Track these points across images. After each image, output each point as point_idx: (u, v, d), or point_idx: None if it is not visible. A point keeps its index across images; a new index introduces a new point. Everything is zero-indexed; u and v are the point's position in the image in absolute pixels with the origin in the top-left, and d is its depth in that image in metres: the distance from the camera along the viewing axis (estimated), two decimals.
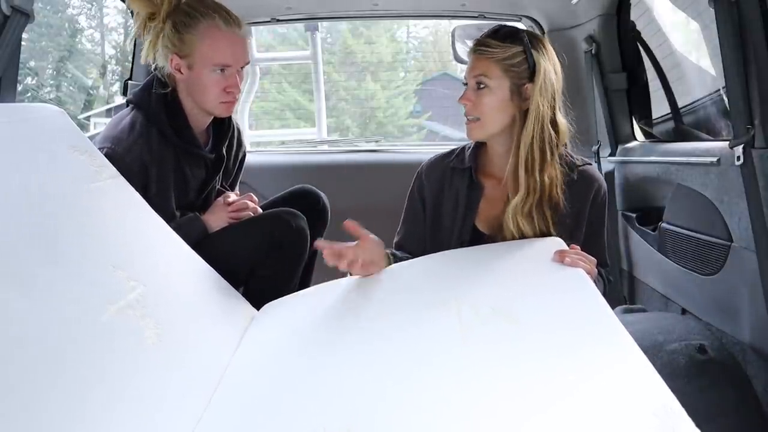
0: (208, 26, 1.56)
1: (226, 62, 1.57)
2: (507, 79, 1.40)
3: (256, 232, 1.66)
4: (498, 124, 1.43)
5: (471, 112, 1.43)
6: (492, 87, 1.40)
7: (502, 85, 1.40)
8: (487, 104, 1.41)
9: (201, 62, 1.57)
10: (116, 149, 1.52)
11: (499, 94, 1.40)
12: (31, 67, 9.09)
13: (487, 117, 1.42)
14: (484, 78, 1.40)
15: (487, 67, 1.40)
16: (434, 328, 1.10)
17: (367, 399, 0.97)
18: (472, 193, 1.48)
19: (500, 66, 1.40)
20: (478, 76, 1.41)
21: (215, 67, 1.57)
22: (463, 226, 1.48)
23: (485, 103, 1.41)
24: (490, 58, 1.40)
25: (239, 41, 1.60)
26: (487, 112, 1.41)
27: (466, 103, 1.43)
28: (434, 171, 1.53)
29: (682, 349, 1.48)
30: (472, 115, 1.43)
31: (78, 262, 1.10)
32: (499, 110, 1.41)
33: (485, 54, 1.40)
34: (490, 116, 1.42)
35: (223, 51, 1.57)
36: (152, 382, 1.03)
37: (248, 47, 1.65)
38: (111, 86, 10.57)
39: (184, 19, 1.56)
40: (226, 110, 1.65)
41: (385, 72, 12.47)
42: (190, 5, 1.58)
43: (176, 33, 1.57)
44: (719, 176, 1.49)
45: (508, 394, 0.91)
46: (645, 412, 0.81)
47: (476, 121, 1.43)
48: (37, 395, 0.84)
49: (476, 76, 1.41)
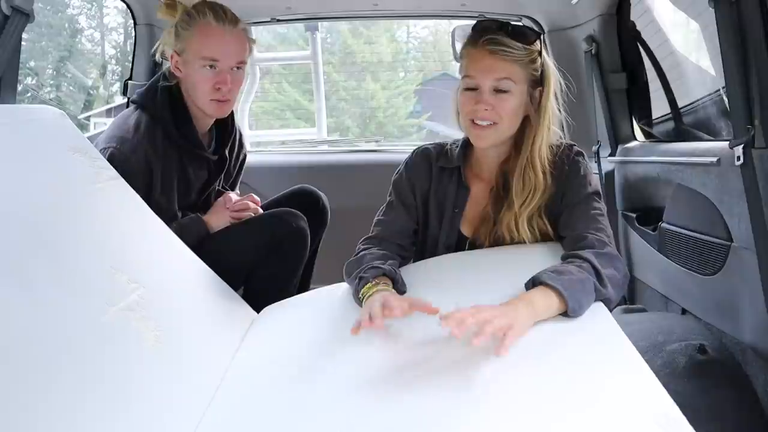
0: (200, 22, 1.59)
1: (213, 56, 1.58)
2: (526, 83, 1.31)
3: (257, 232, 1.67)
4: (513, 129, 1.35)
5: (488, 117, 1.30)
6: (515, 91, 1.29)
7: (522, 89, 1.31)
8: (508, 109, 1.30)
9: (192, 57, 1.59)
10: (121, 149, 1.53)
11: (520, 99, 1.31)
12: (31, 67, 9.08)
13: (505, 122, 1.31)
14: (508, 81, 1.28)
15: (511, 69, 1.29)
16: (434, 334, 1.10)
17: (366, 403, 0.97)
18: (460, 194, 1.42)
19: (523, 68, 1.30)
20: (502, 80, 1.28)
21: (204, 62, 1.59)
22: (450, 228, 1.43)
23: (507, 107, 1.30)
24: (514, 59, 1.29)
25: (229, 38, 1.60)
26: (507, 117, 1.31)
27: (486, 108, 1.29)
28: (423, 167, 1.44)
29: (682, 349, 1.48)
30: (489, 119, 1.30)
31: (78, 264, 1.10)
32: (517, 115, 1.33)
33: (509, 55, 1.28)
34: (509, 121, 1.32)
35: (210, 45, 1.58)
36: (152, 384, 1.03)
37: (243, 46, 1.64)
38: (111, 86, 10.57)
39: (185, 17, 1.60)
40: (218, 110, 1.64)
41: (385, 72, 12.46)
42: (193, 6, 1.61)
43: (176, 31, 1.60)
44: (719, 176, 1.49)
45: (508, 403, 0.91)
46: (646, 420, 0.81)
47: (492, 126, 1.31)
48: (37, 396, 0.84)
49: (499, 78, 1.28)
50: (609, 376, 0.94)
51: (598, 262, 1.16)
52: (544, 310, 1.07)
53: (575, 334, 1.04)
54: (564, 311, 1.08)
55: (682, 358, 1.46)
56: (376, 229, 1.44)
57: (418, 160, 1.46)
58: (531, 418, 0.86)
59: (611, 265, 1.18)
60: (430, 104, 11.82)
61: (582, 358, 0.99)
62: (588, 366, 0.97)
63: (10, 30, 1.44)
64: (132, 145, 1.54)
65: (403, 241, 1.43)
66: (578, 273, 1.12)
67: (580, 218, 1.30)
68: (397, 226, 1.43)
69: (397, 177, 1.47)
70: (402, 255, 1.43)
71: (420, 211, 1.45)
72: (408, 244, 1.45)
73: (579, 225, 1.28)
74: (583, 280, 1.12)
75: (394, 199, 1.46)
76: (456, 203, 1.42)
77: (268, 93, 11.39)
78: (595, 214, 1.30)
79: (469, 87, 1.32)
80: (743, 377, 1.44)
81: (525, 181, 1.34)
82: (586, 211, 1.31)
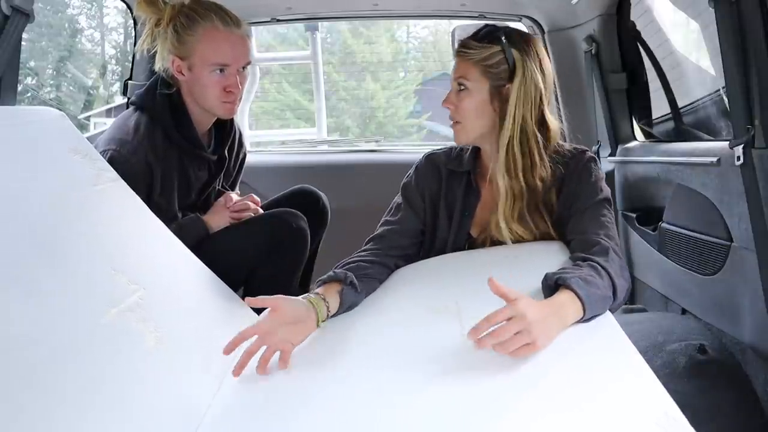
0: (206, 27, 1.57)
1: (225, 62, 1.58)
2: (486, 81, 1.35)
3: (257, 233, 1.67)
4: (478, 128, 1.38)
5: (453, 116, 1.39)
6: (471, 89, 1.36)
7: (482, 88, 1.36)
8: (467, 107, 1.37)
9: (200, 63, 1.58)
10: (121, 151, 1.53)
11: (478, 97, 1.36)
12: (31, 67, 9.08)
13: (467, 120, 1.38)
14: (463, 80, 1.36)
15: (466, 68, 1.36)
16: (436, 335, 1.10)
17: (368, 404, 0.97)
18: (469, 198, 1.44)
19: (478, 67, 1.35)
20: (458, 78, 1.37)
21: (214, 67, 1.57)
22: (459, 231, 1.43)
23: (465, 106, 1.37)
24: (469, 59, 1.36)
25: (238, 41, 1.60)
26: (467, 115, 1.37)
27: (449, 107, 1.39)
28: (432, 171, 1.47)
29: (682, 349, 1.48)
30: (454, 118, 1.39)
31: (78, 265, 1.10)
32: (479, 113, 1.37)
33: (465, 56, 1.36)
34: (470, 119, 1.38)
35: (221, 51, 1.57)
36: (152, 385, 1.03)
37: (249, 47, 1.65)
38: (111, 86, 10.57)
39: (184, 21, 1.58)
40: (228, 111, 1.65)
41: (385, 72, 12.46)
42: (190, 7, 1.59)
43: (176, 35, 1.58)
44: (719, 176, 1.49)
45: (507, 402, 0.91)
46: (647, 420, 0.81)
47: (458, 125, 1.39)
48: (37, 398, 0.84)
49: (457, 78, 1.37)
50: (609, 376, 0.94)
51: (614, 271, 1.16)
52: (570, 322, 1.06)
53: (575, 333, 1.04)
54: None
55: (682, 358, 1.46)
56: (381, 229, 1.45)
57: (428, 165, 1.48)
58: (530, 417, 0.86)
59: (622, 276, 1.19)
60: (430, 104, 11.80)
61: (582, 358, 0.99)
62: (588, 365, 0.97)
63: (10, 30, 1.43)
64: (132, 147, 1.54)
65: (406, 241, 1.44)
66: (603, 289, 1.12)
67: (591, 223, 1.29)
68: (402, 227, 1.44)
69: (406, 180, 1.50)
70: (405, 255, 1.44)
71: (428, 215, 1.46)
72: (412, 245, 1.45)
73: (590, 229, 1.28)
74: (605, 298, 1.12)
75: (402, 202, 1.47)
76: (465, 207, 1.44)
77: (268, 93, 11.39)
78: (605, 221, 1.31)
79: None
80: (743, 377, 1.44)
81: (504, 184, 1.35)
82: (597, 217, 1.31)
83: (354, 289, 1.25)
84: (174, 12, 1.59)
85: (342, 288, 1.24)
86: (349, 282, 1.25)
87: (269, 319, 1.14)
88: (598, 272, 1.14)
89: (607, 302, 1.12)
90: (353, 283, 1.25)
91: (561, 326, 1.04)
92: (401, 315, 1.23)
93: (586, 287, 1.08)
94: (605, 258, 1.19)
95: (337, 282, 1.25)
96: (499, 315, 0.98)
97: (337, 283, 1.25)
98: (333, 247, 1.91)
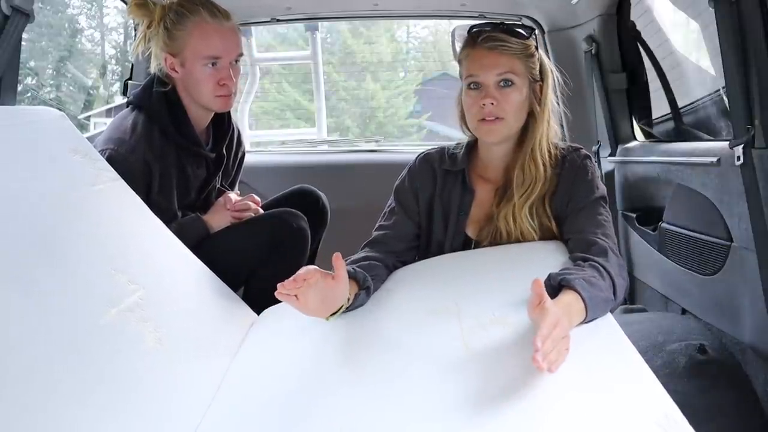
0: (194, 21, 1.58)
1: (216, 54, 1.59)
2: (527, 77, 1.36)
3: (257, 233, 1.67)
4: (519, 124, 1.37)
5: (494, 112, 1.33)
6: (518, 84, 1.34)
7: (524, 82, 1.35)
8: (513, 102, 1.33)
9: (192, 57, 1.59)
10: (119, 150, 1.53)
11: (524, 92, 1.35)
12: (31, 67, 9.07)
13: (511, 116, 1.34)
14: (511, 75, 1.33)
15: (511, 63, 1.33)
16: (436, 336, 1.10)
17: (367, 406, 0.97)
18: (465, 197, 1.43)
19: (523, 62, 1.35)
20: (504, 74, 1.32)
21: (206, 61, 1.59)
22: (455, 232, 1.43)
23: (512, 101, 1.33)
24: (512, 53, 1.33)
25: (228, 33, 1.61)
26: (513, 110, 1.34)
27: (492, 102, 1.32)
28: (426, 172, 1.46)
29: (682, 349, 1.48)
30: (495, 114, 1.33)
31: (78, 265, 1.10)
32: (522, 108, 1.36)
33: (508, 50, 1.33)
34: (515, 115, 1.35)
35: (211, 43, 1.58)
36: (152, 385, 1.03)
37: (239, 39, 1.65)
38: (111, 86, 10.57)
39: (173, 17, 1.59)
40: (224, 104, 1.65)
41: (385, 72, 12.45)
42: (179, 4, 1.60)
43: (167, 32, 1.60)
44: (719, 176, 1.49)
45: (509, 404, 0.90)
46: (647, 420, 0.81)
47: (499, 121, 1.34)
48: (37, 398, 0.84)
49: (502, 73, 1.32)
50: (609, 376, 0.94)
51: (614, 271, 1.17)
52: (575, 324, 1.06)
53: (575, 333, 1.04)
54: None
55: (682, 358, 1.46)
56: (376, 234, 1.45)
57: (421, 166, 1.47)
58: (530, 417, 0.86)
59: (621, 275, 1.19)
60: (430, 104, 11.81)
61: (582, 358, 0.99)
62: (588, 366, 0.97)
63: (10, 30, 1.43)
64: (130, 146, 1.54)
65: (402, 245, 1.44)
66: (605, 291, 1.12)
67: (587, 222, 1.30)
68: (397, 231, 1.44)
69: (399, 183, 1.49)
70: (401, 259, 1.44)
71: (423, 216, 1.46)
72: (407, 249, 1.45)
73: (587, 228, 1.29)
74: (607, 300, 1.12)
75: (395, 205, 1.46)
76: (461, 206, 1.43)
77: (268, 93, 11.39)
78: (602, 219, 1.32)
79: (472, 86, 1.35)
80: (743, 377, 1.44)
81: (525, 173, 1.36)
82: (594, 216, 1.32)
83: (367, 293, 1.27)
84: (164, 11, 1.60)
85: (358, 292, 1.24)
86: (365, 287, 1.25)
87: (321, 280, 1.13)
88: (600, 273, 1.15)
89: (608, 304, 1.13)
90: (368, 288, 1.26)
91: (570, 327, 1.04)
92: (401, 316, 1.23)
93: (589, 289, 1.08)
94: (605, 258, 1.20)
95: (355, 282, 1.24)
96: (550, 328, 0.93)
97: (354, 282, 1.23)
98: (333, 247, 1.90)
